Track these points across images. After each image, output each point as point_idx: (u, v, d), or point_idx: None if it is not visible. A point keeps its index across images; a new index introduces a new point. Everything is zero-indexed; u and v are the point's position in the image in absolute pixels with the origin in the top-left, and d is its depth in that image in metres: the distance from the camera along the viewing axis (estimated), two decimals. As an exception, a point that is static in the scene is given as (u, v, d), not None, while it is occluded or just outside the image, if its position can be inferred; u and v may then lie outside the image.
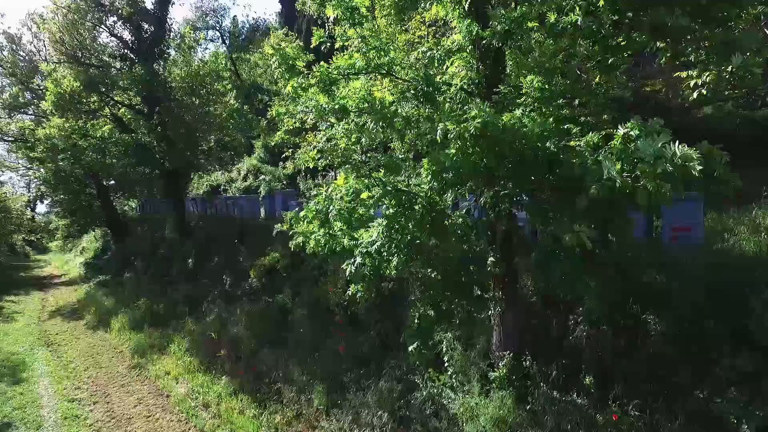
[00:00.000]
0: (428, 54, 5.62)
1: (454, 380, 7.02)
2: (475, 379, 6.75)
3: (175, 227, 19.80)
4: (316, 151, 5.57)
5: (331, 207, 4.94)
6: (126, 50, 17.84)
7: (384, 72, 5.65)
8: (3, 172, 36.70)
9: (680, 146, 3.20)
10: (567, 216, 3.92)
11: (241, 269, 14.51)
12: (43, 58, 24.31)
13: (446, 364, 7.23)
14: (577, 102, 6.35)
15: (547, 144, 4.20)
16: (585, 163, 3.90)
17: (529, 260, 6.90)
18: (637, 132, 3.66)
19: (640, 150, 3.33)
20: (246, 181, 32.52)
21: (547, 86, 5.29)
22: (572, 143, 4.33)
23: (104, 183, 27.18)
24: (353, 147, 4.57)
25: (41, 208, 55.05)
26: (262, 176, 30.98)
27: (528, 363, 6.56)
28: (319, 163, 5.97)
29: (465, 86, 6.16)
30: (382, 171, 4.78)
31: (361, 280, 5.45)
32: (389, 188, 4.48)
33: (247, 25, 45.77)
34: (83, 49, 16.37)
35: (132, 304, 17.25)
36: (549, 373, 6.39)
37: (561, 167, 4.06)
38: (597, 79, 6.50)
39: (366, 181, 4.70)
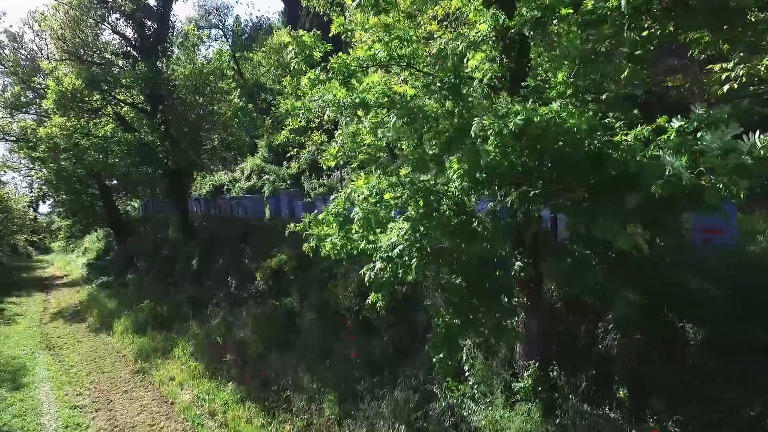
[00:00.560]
0: (450, 46, 5.24)
1: (475, 390, 6.65)
2: (499, 390, 6.38)
3: (178, 227, 19.47)
4: (337, 148, 5.19)
5: (352, 209, 4.57)
6: (129, 48, 17.52)
7: (404, 64, 5.28)
8: (5, 172, 36.49)
9: (761, 137, 2.83)
10: (615, 217, 3.55)
11: (246, 271, 14.17)
12: (45, 56, 24.03)
13: (467, 374, 6.86)
14: (604, 96, 5.98)
15: (591, 139, 3.83)
16: (635, 159, 3.53)
17: (554, 263, 6.56)
18: (696, 123, 3.29)
19: (706, 142, 2.97)
20: (249, 180, 32.24)
21: (579, 80, 4.92)
22: (617, 138, 3.96)
23: (107, 183, 26.91)
24: (379, 143, 4.19)
25: (44, 208, 54.97)
26: (266, 176, 30.70)
27: (555, 373, 6.19)
28: (341, 161, 5.60)
29: (488, 80, 5.80)
30: (407, 169, 4.41)
31: (381, 288, 5.08)
32: (418, 188, 4.12)
33: (251, 24, 45.46)
34: (85, 46, 16.05)
35: (135, 307, 16.93)
36: (578, 384, 6.02)
37: (608, 164, 3.69)
38: (625, 73, 6.14)
39: (390, 180, 4.34)
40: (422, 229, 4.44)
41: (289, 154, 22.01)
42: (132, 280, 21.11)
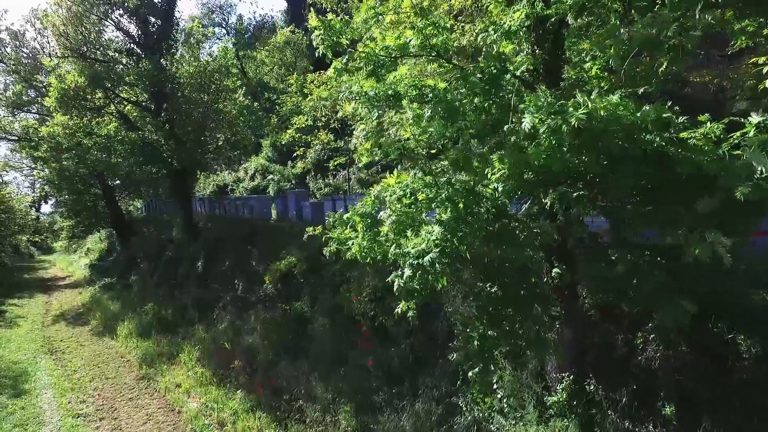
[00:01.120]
0: (481, 36, 4.83)
1: (504, 404, 6.24)
2: (531, 404, 5.97)
3: (182, 228, 19.10)
4: (371, 143, 4.78)
5: (381, 210, 4.17)
6: (132, 45, 17.13)
7: (433, 55, 4.87)
8: (7, 172, 36.18)
9: None
10: (688, 223, 3.15)
11: (253, 273, 13.77)
12: (47, 55, 23.65)
13: (495, 386, 6.45)
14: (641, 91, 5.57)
15: (655, 136, 3.42)
16: (711, 159, 3.13)
17: (594, 269, 6.14)
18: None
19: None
20: (253, 180, 31.87)
21: (630, 70, 4.51)
22: (683, 135, 3.55)
23: (109, 183, 26.56)
24: (421, 138, 3.79)
25: (46, 208, 54.75)
26: (271, 176, 30.32)
27: (592, 387, 5.78)
28: (376, 157, 5.19)
29: (521, 73, 5.39)
30: (441, 168, 4.02)
31: (411, 296, 4.68)
32: (458, 189, 3.72)
33: (254, 23, 45.04)
34: (88, 43, 15.66)
35: (139, 309, 16.58)
36: (617, 398, 5.61)
37: (676, 164, 3.28)
38: (663, 66, 5.73)
39: (425, 179, 3.94)
40: (459, 233, 4.04)
41: (295, 154, 21.64)
42: (135, 281, 20.76)
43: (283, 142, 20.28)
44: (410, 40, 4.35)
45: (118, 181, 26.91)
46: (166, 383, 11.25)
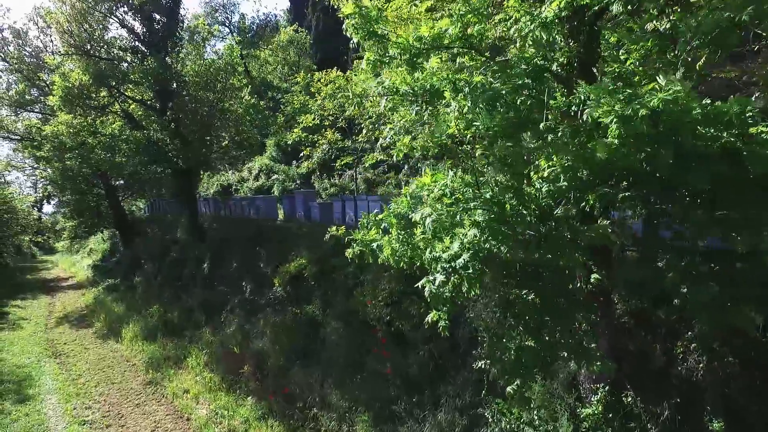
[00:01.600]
0: (515, 27, 4.51)
1: (535, 416, 5.92)
2: (565, 417, 5.66)
3: (187, 229, 18.81)
4: (409, 137, 4.47)
5: (416, 211, 3.87)
6: (137, 42, 16.83)
7: (466, 47, 4.55)
8: (9, 171, 35.95)
9: None
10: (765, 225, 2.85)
11: (261, 275, 13.47)
12: (50, 53, 23.39)
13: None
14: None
15: (723, 132, 3.11)
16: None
17: (627, 274, 5.84)
18: None
19: None
20: (258, 180, 31.59)
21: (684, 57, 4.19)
22: (753, 130, 3.23)
23: (113, 183, 26.28)
24: (468, 132, 3.48)
25: (48, 208, 54.51)
26: (275, 176, 30.02)
27: (630, 398, 5.47)
28: (416, 153, 4.87)
29: (555, 68, 5.08)
30: (486, 165, 3.71)
31: (444, 304, 4.37)
32: (505, 187, 3.41)
33: (258, 21, 44.80)
34: (92, 40, 15.38)
35: (144, 312, 16.29)
36: (658, 412, 5.29)
37: (752, 162, 2.97)
38: (702, 60, 5.42)
39: (465, 178, 3.64)
40: (500, 236, 3.73)
41: (302, 153, 21.35)
42: (139, 283, 20.47)
43: (289, 142, 19.97)
44: (446, 30, 4.04)
45: (121, 181, 26.63)
46: (174, 388, 10.96)
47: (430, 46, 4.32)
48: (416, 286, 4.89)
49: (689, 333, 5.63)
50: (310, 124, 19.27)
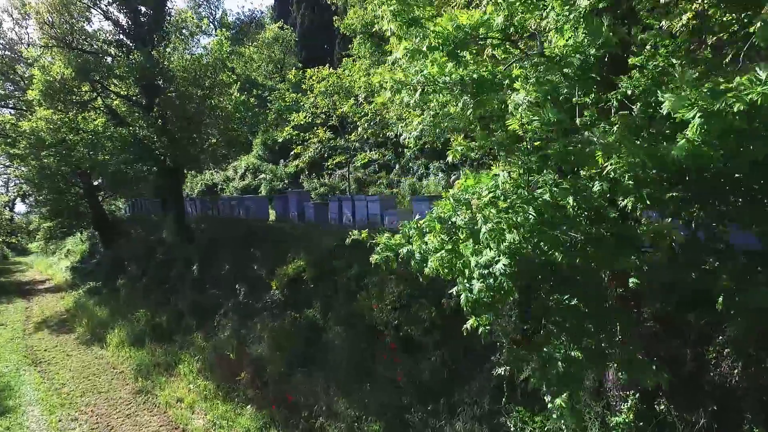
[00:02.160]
0: (552, 17, 4.26)
1: (562, 425, 5.68)
2: (596, 426, 5.44)
3: (174, 229, 18.16)
4: (461, 136, 4.17)
5: (456, 215, 3.58)
6: (122, 36, 16.16)
7: (504, 38, 4.28)
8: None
9: None
10: None
11: (256, 278, 13.01)
12: (26, 45, 22.36)
13: (549, 404, 5.89)
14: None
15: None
16: None
17: (663, 276, 5.65)
18: None
19: None
20: (243, 180, 30.94)
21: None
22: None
23: (93, 182, 25.35)
24: (530, 128, 3.18)
25: (20, 207, 52.51)
26: (263, 175, 29.42)
27: (663, 406, 5.28)
28: (472, 153, 4.55)
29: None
30: (541, 165, 3.43)
31: (485, 311, 4.10)
32: (566, 189, 3.15)
33: (243, 17, 43.98)
34: (74, 32, 14.66)
35: (130, 316, 15.61)
36: (693, 420, 5.12)
37: None
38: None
39: (518, 179, 3.36)
40: (553, 241, 3.47)
41: (293, 152, 20.89)
42: (123, 285, 19.71)
43: (279, 140, 19.50)
44: (486, 19, 3.76)
45: (100, 180, 25.70)
46: (167, 397, 10.46)
47: (468, 36, 4.03)
48: (428, 290, 4.62)
49: (720, 338, 5.48)
50: (302, 122, 18.86)
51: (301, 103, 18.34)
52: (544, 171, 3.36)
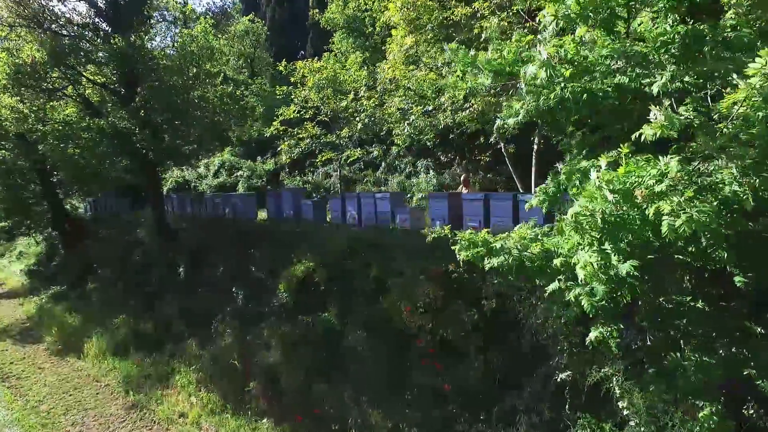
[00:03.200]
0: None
1: (638, 433, 5.39)
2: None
3: (154, 229, 16.91)
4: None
5: (604, 207, 3.14)
6: (98, 18, 14.83)
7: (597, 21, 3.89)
8: None
9: None
10: None
11: (255, 280, 12.19)
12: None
13: (624, 411, 5.59)
14: None
15: None
16: None
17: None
18: None
19: None
20: (218, 177, 29.60)
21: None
22: None
23: (53, 179, 23.36)
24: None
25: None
26: (239, 172, 28.20)
27: (752, 411, 5.06)
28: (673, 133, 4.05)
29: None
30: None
31: (611, 317, 3.70)
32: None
33: (214, 8, 42.25)
34: (46, 11, 13.28)
35: (108, 323, 14.37)
36: (784, 424, 4.91)
37: None
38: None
39: (686, 166, 2.97)
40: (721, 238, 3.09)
41: (280, 147, 19.99)
42: (94, 290, 18.24)
43: (267, 134, 18.59)
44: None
45: (59, 176, 23.69)
46: (166, 412, 9.55)
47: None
48: (461, 290, 4.19)
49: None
50: (291, 117, 18.06)
51: (293, 97, 17.54)
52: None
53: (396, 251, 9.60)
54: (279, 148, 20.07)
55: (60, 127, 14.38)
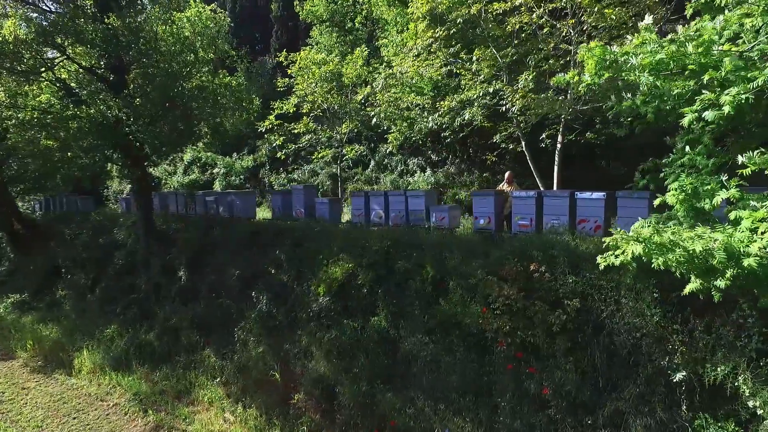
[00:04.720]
0: None
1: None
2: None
3: (143, 230, 15.43)
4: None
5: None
6: (85, -1, 13.25)
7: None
8: None
9: None
10: None
11: (279, 285, 11.32)
12: None
13: (757, 410, 5.52)
14: None
15: None
16: None
17: None
18: None
19: None
20: (188, 174, 27.90)
21: None
22: None
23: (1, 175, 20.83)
24: None
25: None
26: (216, 169, 26.68)
27: None
28: None
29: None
30: None
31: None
32: None
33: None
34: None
35: (97, 333, 12.94)
36: None
37: None
38: None
39: None
40: None
41: (276, 143, 18.99)
42: (66, 297, 16.45)
43: (262, 129, 17.56)
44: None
45: (13, 171, 21.19)
46: (201, 432, 8.60)
47: None
48: (537, 290, 3.99)
49: None
50: (290, 111, 17.21)
51: (294, 90, 16.68)
52: None
53: (441, 250, 9.20)
54: (274, 144, 19.08)
55: (39, 115, 12.75)
